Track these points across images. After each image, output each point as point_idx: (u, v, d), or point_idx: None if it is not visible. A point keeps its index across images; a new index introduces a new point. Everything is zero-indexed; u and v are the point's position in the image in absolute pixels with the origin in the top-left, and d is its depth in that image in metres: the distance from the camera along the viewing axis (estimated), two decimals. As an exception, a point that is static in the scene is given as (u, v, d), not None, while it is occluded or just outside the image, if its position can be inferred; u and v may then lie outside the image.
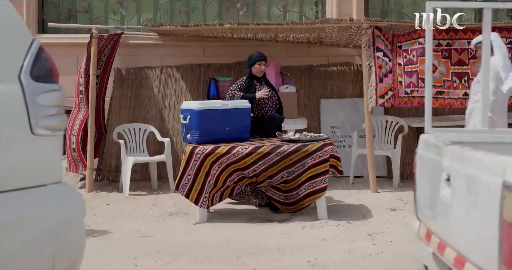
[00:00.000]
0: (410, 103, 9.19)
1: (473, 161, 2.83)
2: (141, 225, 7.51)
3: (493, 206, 2.61)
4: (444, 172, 3.20)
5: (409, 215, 7.65)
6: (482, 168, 2.73)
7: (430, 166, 3.47)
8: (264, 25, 9.17)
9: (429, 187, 3.46)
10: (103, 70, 9.80)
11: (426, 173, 3.56)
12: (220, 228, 7.33)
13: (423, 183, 3.61)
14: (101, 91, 9.83)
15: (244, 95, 8.06)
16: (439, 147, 3.28)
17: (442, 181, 3.21)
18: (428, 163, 3.51)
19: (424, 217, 3.64)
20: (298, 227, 7.27)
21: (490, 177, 2.66)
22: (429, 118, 3.61)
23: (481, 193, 2.74)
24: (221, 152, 7.44)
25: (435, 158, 3.35)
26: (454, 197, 3.05)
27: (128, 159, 9.16)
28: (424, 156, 3.60)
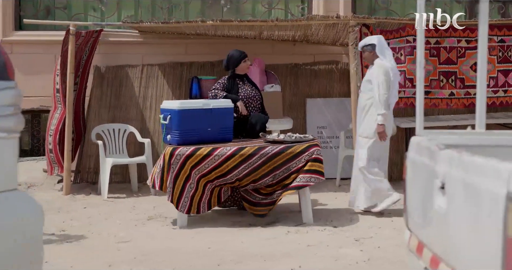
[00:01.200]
0: (397, 104, 8.94)
1: (472, 168, 2.53)
2: (119, 230, 7.22)
3: (496, 220, 2.31)
4: (438, 179, 2.89)
5: (398, 219, 7.42)
6: (483, 176, 2.43)
7: (422, 172, 3.17)
8: (248, 22, 8.91)
9: (421, 195, 3.16)
10: (84, 69, 9.49)
11: (418, 179, 3.25)
12: (201, 233, 7.05)
13: (415, 190, 3.30)
14: (81, 90, 9.52)
15: (227, 95, 7.77)
16: (432, 151, 2.98)
17: (436, 189, 2.90)
18: (420, 168, 3.21)
19: (416, 227, 3.33)
20: (282, 232, 7.00)
21: (492, 186, 2.36)
22: (421, 119, 3.31)
23: (481, 204, 2.45)
24: (202, 153, 7.16)
25: (428, 163, 3.05)
26: (450, 208, 2.75)
27: (106, 161, 8.86)
28: (415, 161, 3.29)
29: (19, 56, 9.56)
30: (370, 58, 7.74)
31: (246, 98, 7.87)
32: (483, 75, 3.38)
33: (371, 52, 7.69)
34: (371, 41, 7.70)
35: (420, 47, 3.54)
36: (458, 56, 8.98)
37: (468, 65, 9.01)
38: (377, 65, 7.61)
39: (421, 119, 3.32)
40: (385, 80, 7.51)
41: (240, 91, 7.89)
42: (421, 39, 3.58)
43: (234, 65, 7.90)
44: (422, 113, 3.32)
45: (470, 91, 9.03)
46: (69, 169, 8.95)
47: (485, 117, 3.53)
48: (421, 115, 3.31)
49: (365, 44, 7.72)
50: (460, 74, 8.97)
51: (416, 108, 3.35)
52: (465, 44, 8.98)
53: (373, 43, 7.66)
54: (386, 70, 7.55)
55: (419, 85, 3.37)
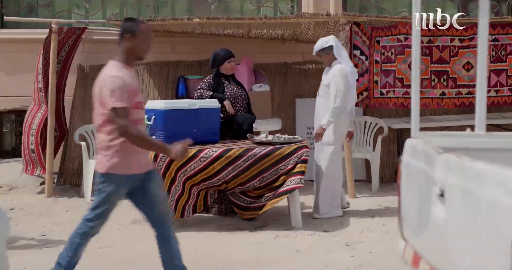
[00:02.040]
0: (386, 104, 8.77)
1: (475, 175, 2.30)
2: (101, 235, 6.87)
3: (503, 232, 2.08)
4: (436, 186, 2.65)
5: (390, 222, 7.21)
6: (488, 184, 2.20)
7: (418, 178, 2.93)
8: (236, 19, 8.69)
9: (418, 202, 2.92)
10: (62, 66, 9.23)
11: (413, 185, 3.01)
12: (186, 237, 6.79)
13: (410, 197, 3.06)
14: (60, 88, 9.26)
15: (213, 94, 7.55)
16: (429, 155, 2.74)
17: (434, 196, 2.67)
18: (416, 173, 2.97)
19: (411, 237, 3.09)
20: (271, 237, 6.77)
21: (498, 195, 2.13)
22: (416, 121, 3.08)
23: (486, 215, 2.22)
24: (187, 155, 6.91)
25: (425, 168, 2.81)
26: (450, 217, 2.51)
27: (90, 163, 8.60)
28: (411, 165, 3.05)
29: (1, 55, 9.30)
30: (328, 60, 7.52)
31: (232, 97, 7.65)
32: (483, 74, 3.16)
33: (329, 54, 7.48)
34: (328, 43, 7.45)
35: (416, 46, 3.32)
36: (451, 55, 8.78)
37: (460, 64, 8.81)
38: (338, 70, 7.40)
39: (417, 120, 3.09)
40: (344, 86, 7.36)
41: (226, 90, 7.66)
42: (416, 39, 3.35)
43: (218, 63, 7.69)
44: (417, 114, 3.09)
45: (462, 90, 8.83)
46: (51, 171, 8.70)
47: (485, 118, 3.30)
48: (416, 116, 3.08)
49: (322, 47, 7.46)
50: (452, 74, 8.77)
51: (412, 109, 3.12)
52: (458, 43, 8.78)
53: (331, 44, 7.44)
54: (346, 76, 7.39)
55: (415, 85, 3.14)
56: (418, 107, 3.06)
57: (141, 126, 4.82)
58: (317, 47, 7.52)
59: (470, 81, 8.79)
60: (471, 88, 8.79)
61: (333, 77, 7.40)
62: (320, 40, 7.60)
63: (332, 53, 7.46)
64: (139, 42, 4.75)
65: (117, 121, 4.55)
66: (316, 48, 7.55)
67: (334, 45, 7.47)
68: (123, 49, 4.78)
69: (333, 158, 7.55)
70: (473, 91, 8.79)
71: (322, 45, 7.46)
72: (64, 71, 9.29)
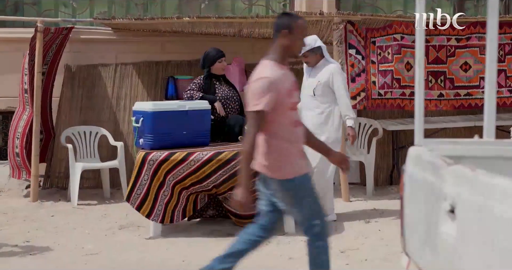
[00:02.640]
0: (383, 105, 8.53)
1: (492, 190, 2.06)
2: (87, 241, 6.74)
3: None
4: (446, 201, 2.42)
5: (385, 228, 7.00)
6: (507, 201, 1.97)
7: (424, 191, 2.68)
8: (226, 18, 8.44)
9: (423, 218, 2.67)
10: (50, 67, 8.99)
11: (418, 198, 2.77)
12: (175, 244, 6.59)
13: (414, 212, 2.81)
14: (47, 89, 9.02)
15: (203, 96, 7.31)
16: (437, 166, 2.50)
17: (443, 212, 2.43)
18: (421, 186, 2.72)
19: (416, 254, 2.84)
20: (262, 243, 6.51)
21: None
22: (420, 126, 2.84)
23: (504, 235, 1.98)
24: (176, 159, 6.70)
25: (431, 181, 2.56)
26: (462, 236, 2.27)
27: (76, 165, 8.36)
28: (415, 176, 2.80)
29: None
30: (315, 60, 7.32)
31: (223, 99, 7.42)
32: (492, 75, 2.91)
33: (316, 54, 7.28)
34: (317, 43, 7.26)
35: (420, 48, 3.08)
36: (448, 55, 8.55)
37: (458, 64, 8.58)
38: (336, 68, 7.27)
39: (421, 126, 2.84)
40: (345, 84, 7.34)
41: (217, 91, 7.43)
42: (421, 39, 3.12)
43: (209, 64, 7.47)
44: (422, 119, 2.84)
45: (460, 92, 8.60)
46: (37, 175, 8.44)
47: (494, 123, 3.05)
48: (420, 121, 2.84)
49: (312, 47, 7.23)
50: (450, 74, 8.54)
51: (416, 114, 2.87)
52: (455, 43, 8.55)
53: (319, 45, 7.27)
54: (344, 74, 7.36)
55: (419, 87, 2.91)
56: (423, 111, 2.82)
57: (299, 128, 4.48)
58: (306, 47, 7.29)
59: (469, 82, 8.57)
60: (469, 90, 8.57)
61: (333, 75, 7.22)
62: (307, 39, 7.37)
63: (319, 53, 7.27)
64: (295, 39, 4.43)
65: (248, 125, 4.26)
66: (304, 48, 7.31)
67: (322, 45, 7.30)
68: (278, 47, 4.46)
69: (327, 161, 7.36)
70: (472, 92, 8.56)
71: (312, 44, 7.23)
72: (51, 72, 9.04)
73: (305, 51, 7.22)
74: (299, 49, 4.53)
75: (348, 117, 7.23)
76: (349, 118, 7.23)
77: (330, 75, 7.21)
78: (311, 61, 7.32)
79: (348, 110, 7.22)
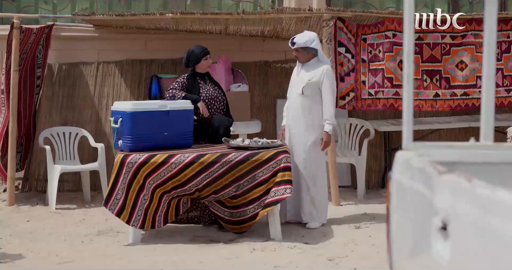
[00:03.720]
0: (374, 105, 8.22)
1: (493, 204, 1.71)
2: (62, 248, 6.40)
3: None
4: (437, 216, 2.06)
5: (376, 234, 6.68)
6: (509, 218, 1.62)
7: (413, 202, 2.33)
8: (211, 15, 8.13)
9: (412, 234, 2.32)
10: (43, 70, 8.69)
11: (406, 211, 2.41)
12: (155, 251, 6.26)
13: (402, 226, 2.45)
14: (32, 91, 8.69)
15: (186, 95, 6.99)
16: (428, 174, 2.15)
17: (435, 229, 2.07)
18: (410, 196, 2.37)
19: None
20: (247, 250, 6.21)
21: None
22: (409, 128, 2.50)
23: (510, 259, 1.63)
24: (157, 161, 6.38)
25: (422, 191, 2.20)
26: (456, 258, 1.91)
27: (55, 168, 8.02)
28: (403, 185, 2.44)
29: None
30: (306, 58, 7.06)
31: (208, 99, 7.09)
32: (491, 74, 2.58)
33: (309, 53, 7.03)
34: (313, 44, 6.99)
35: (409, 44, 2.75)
36: (443, 53, 8.23)
37: (453, 63, 8.25)
38: (328, 70, 7.02)
39: (410, 127, 2.51)
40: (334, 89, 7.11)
41: (202, 91, 7.10)
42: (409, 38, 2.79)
43: (193, 62, 7.14)
44: (411, 120, 2.51)
45: (457, 91, 8.26)
46: (13, 178, 8.10)
47: (493, 125, 2.72)
48: (409, 122, 2.50)
49: (307, 46, 6.97)
50: (445, 73, 8.22)
51: (404, 114, 2.54)
52: (449, 40, 8.23)
53: (316, 48, 7.03)
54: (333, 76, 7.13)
55: (407, 85, 2.57)
56: (412, 111, 2.48)
57: None
58: (301, 43, 6.98)
59: (465, 82, 8.23)
60: (466, 89, 8.24)
61: (324, 77, 6.97)
62: (305, 36, 7.07)
63: (312, 53, 7.01)
64: None
65: None
66: (299, 43, 6.99)
67: (319, 47, 7.06)
68: None
69: (322, 161, 7.20)
70: (468, 92, 8.23)
71: (307, 43, 6.94)
72: (43, 73, 8.75)
73: (300, 46, 6.95)
74: None
75: (328, 122, 6.96)
76: (328, 123, 6.96)
77: (322, 76, 6.95)
78: (302, 57, 7.07)
79: (329, 116, 6.98)
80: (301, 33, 7.13)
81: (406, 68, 2.54)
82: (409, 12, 2.67)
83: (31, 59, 8.41)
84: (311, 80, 6.98)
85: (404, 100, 2.53)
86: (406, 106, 2.50)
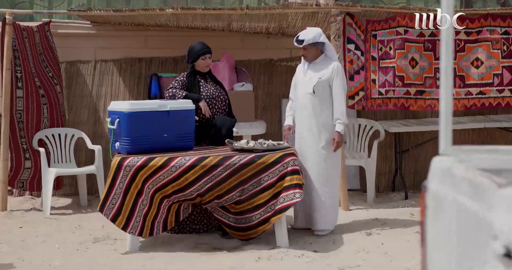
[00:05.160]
0: (385, 105, 7.85)
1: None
2: (56, 256, 6.04)
3: None
4: (496, 240, 1.66)
5: (389, 241, 6.32)
6: None
7: (459, 220, 1.93)
8: (213, 10, 7.79)
9: (457, 259, 1.92)
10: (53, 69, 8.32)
11: (449, 230, 2.00)
12: (154, 259, 5.90)
13: (443, 249, 2.04)
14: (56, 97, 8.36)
15: (187, 94, 6.62)
16: (480, 187, 1.75)
17: (492, 256, 1.67)
18: (452, 211, 1.97)
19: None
20: (252, 258, 5.85)
21: None
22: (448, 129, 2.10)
23: None
24: (156, 164, 6.03)
25: (470, 207, 1.81)
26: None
27: (49, 171, 7.65)
28: (444, 198, 2.02)
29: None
30: (315, 55, 6.74)
31: (209, 98, 6.73)
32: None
33: (317, 48, 6.70)
34: (320, 38, 6.66)
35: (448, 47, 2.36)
36: (457, 50, 7.85)
37: (468, 60, 7.87)
38: (339, 67, 6.74)
39: (449, 128, 2.11)
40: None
41: (202, 90, 6.74)
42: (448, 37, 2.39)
43: (192, 59, 6.79)
44: (450, 119, 2.12)
45: (472, 90, 7.87)
46: (6, 181, 7.73)
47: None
48: (448, 122, 2.11)
49: (316, 41, 6.64)
50: (460, 71, 7.84)
51: (441, 113, 2.15)
52: (464, 37, 7.85)
53: (323, 41, 6.69)
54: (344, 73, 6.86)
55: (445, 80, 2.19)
56: (451, 109, 2.10)
57: None
58: (310, 39, 6.62)
59: (481, 80, 7.85)
60: (482, 88, 7.85)
61: (336, 74, 6.67)
62: (311, 31, 6.71)
63: (320, 48, 6.66)
64: None
65: None
66: (308, 39, 6.63)
67: (326, 41, 6.73)
68: None
69: (337, 162, 6.86)
70: (485, 90, 7.84)
71: (316, 38, 6.59)
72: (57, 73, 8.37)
73: (308, 44, 6.59)
74: None
75: (339, 121, 6.62)
76: (340, 123, 6.61)
77: (333, 73, 6.64)
78: (309, 55, 6.70)
79: (341, 114, 6.66)
80: (304, 30, 6.78)
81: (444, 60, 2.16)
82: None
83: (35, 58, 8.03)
84: (322, 78, 6.64)
85: (441, 99, 2.15)
86: (444, 106, 2.11)
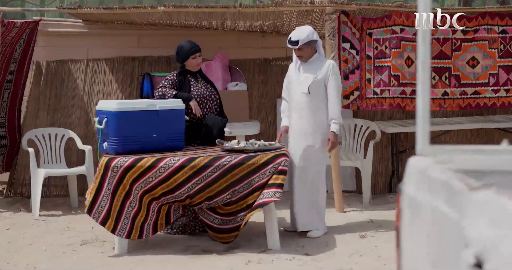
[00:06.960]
0: (380, 105, 7.73)
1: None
2: (42, 259, 5.91)
3: None
4: (469, 248, 1.52)
5: (383, 244, 6.17)
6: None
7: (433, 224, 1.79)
8: (206, 8, 7.67)
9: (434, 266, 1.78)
10: (19, 65, 8.21)
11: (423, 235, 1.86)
12: (142, 262, 5.77)
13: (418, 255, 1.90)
14: (17, 90, 8.22)
15: (177, 93, 6.49)
16: (454, 190, 1.60)
17: (465, 266, 1.53)
18: (427, 216, 1.82)
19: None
20: (242, 262, 5.72)
21: None
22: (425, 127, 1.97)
23: None
24: (144, 165, 5.89)
25: (444, 211, 1.66)
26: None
27: (38, 172, 7.52)
28: (419, 202, 1.87)
29: None
30: (309, 54, 6.60)
31: (199, 98, 6.61)
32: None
33: (311, 47, 6.57)
34: (314, 36, 6.53)
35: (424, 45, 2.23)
36: (453, 49, 7.72)
37: (464, 59, 7.75)
38: (334, 66, 6.61)
39: (426, 127, 1.98)
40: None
41: (193, 89, 6.61)
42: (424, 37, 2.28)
43: (182, 58, 6.66)
44: (427, 117, 1.98)
45: (467, 90, 7.75)
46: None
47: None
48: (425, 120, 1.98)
49: (310, 39, 6.49)
50: (455, 71, 7.72)
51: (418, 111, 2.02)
52: (461, 35, 7.72)
53: (316, 39, 6.56)
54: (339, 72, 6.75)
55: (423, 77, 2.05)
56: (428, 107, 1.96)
57: None
58: (304, 39, 6.47)
59: (476, 79, 7.72)
60: (477, 88, 7.73)
61: (331, 72, 6.55)
62: (303, 30, 6.56)
63: (314, 46, 6.53)
64: None
65: None
66: (303, 39, 6.48)
67: (318, 39, 6.60)
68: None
69: (324, 164, 6.73)
70: (480, 90, 7.72)
71: (310, 37, 6.45)
72: (21, 70, 8.25)
73: (302, 44, 6.45)
74: None
75: (334, 121, 6.49)
76: (335, 123, 6.48)
77: (328, 72, 6.51)
78: (306, 55, 6.55)
79: (336, 114, 6.53)
80: (295, 31, 6.61)
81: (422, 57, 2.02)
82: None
83: (8, 53, 7.92)
84: (317, 77, 6.51)
85: (419, 94, 2.02)
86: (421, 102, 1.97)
